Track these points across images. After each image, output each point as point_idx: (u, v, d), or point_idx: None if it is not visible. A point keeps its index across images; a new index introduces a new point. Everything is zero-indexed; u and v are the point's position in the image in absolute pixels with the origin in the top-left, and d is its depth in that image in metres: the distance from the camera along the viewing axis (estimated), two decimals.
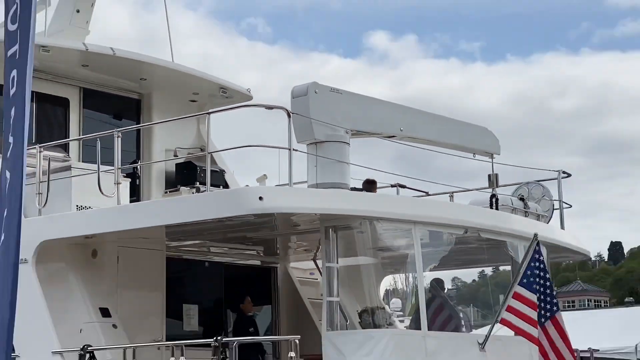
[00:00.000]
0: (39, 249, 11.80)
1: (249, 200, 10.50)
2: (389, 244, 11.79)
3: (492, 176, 13.14)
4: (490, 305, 13.33)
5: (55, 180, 12.36)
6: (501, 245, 12.63)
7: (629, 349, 31.42)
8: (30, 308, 11.14)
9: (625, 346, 31.41)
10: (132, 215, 11.70)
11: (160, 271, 13.16)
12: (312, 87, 11.24)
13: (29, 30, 9.10)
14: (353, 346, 10.59)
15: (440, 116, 13.10)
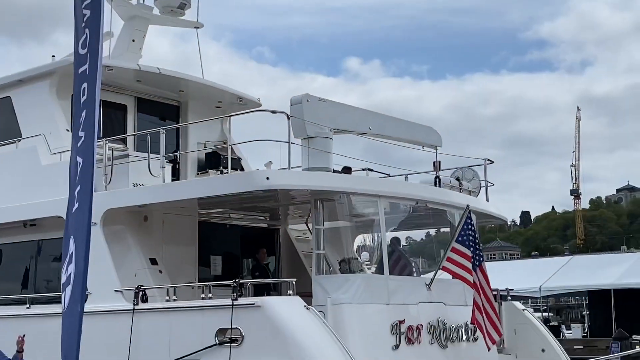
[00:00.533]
0: (105, 215, 11.76)
1: (259, 179, 10.49)
2: (360, 212, 11.81)
3: (436, 163, 13.14)
4: (434, 257, 13.36)
5: (116, 165, 12.30)
6: (442, 213, 12.66)
7: (534, 289, 31.69)
8: (99, 258, 11.13)
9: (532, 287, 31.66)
10: (173, 190, 11.67)
11: (194, 231, 13.12)
12: (305, 97, 11.23)
13: (97, 54, 9.06)
14: (335, 286, 10.61)
15: (398, 119, 13.08)
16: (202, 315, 10.36)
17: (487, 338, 11.03)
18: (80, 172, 9.09)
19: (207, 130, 15.63)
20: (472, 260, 11.16)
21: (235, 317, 9.81)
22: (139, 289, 11.00)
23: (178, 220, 12.72)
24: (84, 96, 9.18)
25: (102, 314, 11.17)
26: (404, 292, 11.27)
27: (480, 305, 11.04)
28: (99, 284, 11.11)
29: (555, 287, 32.47)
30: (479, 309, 11.03)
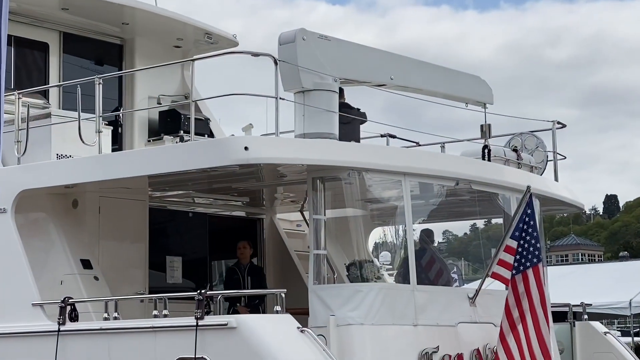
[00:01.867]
0: (18, 198, 11.78)
1: (234, 150, 10.51)
2: (377, 196, 11.84)
3: (484, 126, 13.14)
4: (482, 259, 13.41)
5: (34, 128, 12.29)
6: (493, 198, 12.69)
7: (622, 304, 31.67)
8: (9, 258, 11.19)
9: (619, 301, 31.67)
10: (114, 164, 11.70)
11: (143, 222, 13.17)
12: (300, 33, 11.20)
13: None
14: (340, 300, 10.65)
15: (432, 64, 13.07)
16: (154, 340, 10.42)
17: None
18: None
19: (161, 80, 15.65)
20: (519, 256, 11.15)
21: (200, 343, 9.86)
22: (66, 303, 11.04)
23: (121, 206, 12.78)
24: None
25: (14, 337, 11.24)
26: (438, 309, 11.34)
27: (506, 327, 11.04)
28: (9, 295, 11.17)
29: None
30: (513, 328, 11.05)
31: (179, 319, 10.44)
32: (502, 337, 11.06)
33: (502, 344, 11.04)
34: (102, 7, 14.94)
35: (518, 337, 11.04)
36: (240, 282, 13.04)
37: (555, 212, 15.56)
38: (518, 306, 11.09)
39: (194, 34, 15.94)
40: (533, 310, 11.10)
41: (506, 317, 11.09)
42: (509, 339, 11.02)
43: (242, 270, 13.41)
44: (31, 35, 14.87)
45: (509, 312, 11.09)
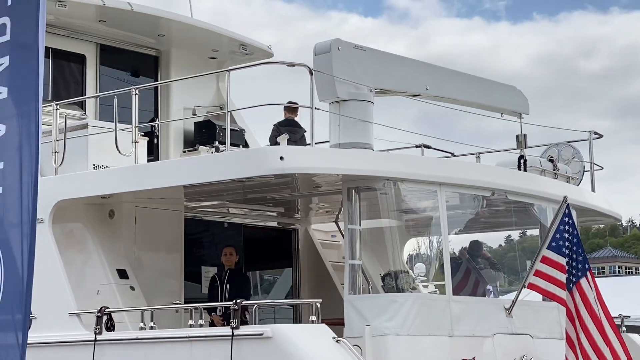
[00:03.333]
0: (55, 208, 11.89)
1: (270, 160, 10.54)
2: (413, 206, 11.82)
3: (520, 136, 13.09)
4: (518, 270, 13.36)
5: (71, 139, 12.39)
6: (529, 208, 12.64)
7: None
8: (46, 268, 11.26)
9: None
10: (150, 174, 11.77)
11: (179, 232, 13.23)
12: (335, 43, 11.23)
13: None
14: (375, 310, 10.65)
15: (468, 74, 13.05)
16: (190, 350, 10.47)
17: None
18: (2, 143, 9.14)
19: (196, 91, 15.73)
20: (568, 273, 11.12)
21: (236, 353, 9.90)
22: (103, 312, 11.11)
23: (157, 216, 12.85)
24: (3, 36, 9.22)
25: (52, 346, 11.31)
26: (475, 320, 11.30)
27: (574, 340, 10.97)
28: (46, 304, 11.24)
29: None
30: (572, 345, 10.97)
31: (215, 329, 10.48)
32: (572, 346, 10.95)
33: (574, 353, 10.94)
34: (138, 19, 15.05)
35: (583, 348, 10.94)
36: (218, 289, 12.69)
37: (591, 224, 15.46)
38: (578, 317, 11.00)
39: (229, 45, 16.00)
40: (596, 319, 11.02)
41: (573, 328, 10.99)
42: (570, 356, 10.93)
43: (222, 277, 12.91)
44: (69, 47, 15.00)
45: (573, 323, 10.98)
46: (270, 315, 14.75)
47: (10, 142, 9.09)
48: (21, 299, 8.87)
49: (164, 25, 15.40)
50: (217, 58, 16.20)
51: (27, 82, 9.06)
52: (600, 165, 13.92)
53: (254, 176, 10.83)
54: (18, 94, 9.13)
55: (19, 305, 8.86)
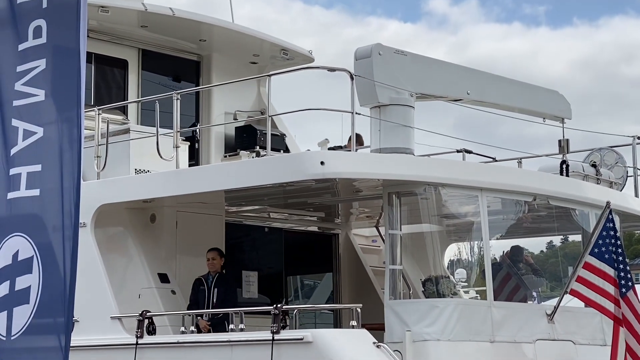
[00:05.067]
0: (97, 213, 11.96)
1: (310, 165, 10.54)
2: (454, 211, 11.78)
3: (562, 141, 13.00)
4: (560, 277, 13.26)
5: (113, 144, 12.47)
6: (571, 214, 12.54)
7: None
8: (88, 272, 11.32)
9: None
10: (191, 179, 11.80)
11: (219, 237, 13.24)
12: (376, 48, 11.20)
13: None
14: (416, 315, 10.61)
15: (509, 79, 12.97)
16: (231, 354, 10.49)
17: None
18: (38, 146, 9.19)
19: (237, 96, 15.76)
20: (618, 282, 11.00)
21: (276, 357, 9.90)
22: (144, 316, 11.18)
23: (198, 220, 12.88)
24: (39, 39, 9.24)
25: (94, 350, 11.38)
26: (516, 325, 11.22)
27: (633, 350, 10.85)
28: (89, 307, 11.31)
29: None
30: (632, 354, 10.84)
31: (255, 333, 10.48)
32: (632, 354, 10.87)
33: None
34: (180, 24, 15.10)
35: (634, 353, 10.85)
36: (205, 293, 12.32)
37: (635, 229, 15.31)
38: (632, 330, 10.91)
39: (270, 50, 16.01)
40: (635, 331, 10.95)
41: (631, 335, 10.89)
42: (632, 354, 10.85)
43: (209, 281, 12.46)
44: (111, 52, 15.08)
45: (632, 330, 10.89)
46: (311, 320, 14.74)
47: (49, 145, 9.12)
48: (63, 303, 8.91)
49: (205, 30, 15.44)
50: (258, 63, 16.21)
51: (68, 87, 9.09)
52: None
53: (294, 181, 10.83)
54: (59, 98, 9.16)
55: (61, 308, 8.90)
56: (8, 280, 9.13)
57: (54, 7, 9.11)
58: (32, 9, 9.26)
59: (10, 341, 9.12)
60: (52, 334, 8.93)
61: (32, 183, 9.18)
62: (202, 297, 12.15)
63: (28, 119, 9.31)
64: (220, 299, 12.20)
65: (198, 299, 12.10)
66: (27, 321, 9.07)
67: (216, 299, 12.19)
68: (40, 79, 9.20)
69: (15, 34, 9.33)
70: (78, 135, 9.15)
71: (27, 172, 9.18)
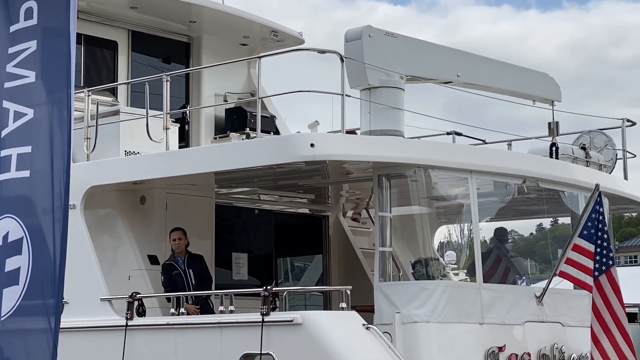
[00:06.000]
0: (87, 194, 11.95)
1: (300, 147, 10.54)
2: (443, 193, 11.80)
3: (552, 124, 13.02)
4: (549, 259, 13.31)
5: (103, 125, 12.47)
6: (560, 196, 12.58)
7: None
8: (78, 254, 11.32)
9: None
10: (181, 161, 11.80)
11: (209, 218, 13.27)
12: (367, 30, 11.20)
13: None
14: (406, 297, 10.64)
15: (500, 61, 12.99)
16: (220, 336, 10.51)
17: None
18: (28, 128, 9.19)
19: (228, 78, 15.74)
20: (598, 261, 11.06)
21: (266, 339, 9.92)
22: (134, 298, 11.17)
23: (188, 202, 12.89)
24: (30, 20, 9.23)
25: (83, 331, 11.38)
26: (505, 307, 11.27)
27: (597, 330, 10.91)
28: (78, 288, 11.32)
29: None
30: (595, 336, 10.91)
31: (245, 315, 10.50)
32: (596, 340, 10.92)
33: (597, 346, 10.90)
34: (170, 6, 15.06)
35: (613, 339, 10.92)
36: (182, 276, 12.14)
37: (624, 212, 15.36)
38: (608, 307, 10.97)
39: (260, 32, 15.99)
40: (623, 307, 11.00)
41: (596, 319, 10.96)
42: (604, 342, 10.91)
43: (180, 264, 12.22)
44: (100, 33, 15.05)
45: (598, 314, 10.96)
46: (300, 302, 14.78)
47: (40, 127, 9.13)
48: (53, 284, 8.93)
49: (195, 11, 15.41)
50: (248, 45, 16.19)
51: (58, 69, 9.09)
52: (632, 153, 13.83)
53: (284, 163, 10.84)
54: (49, 80, 9.15)
55: (50, 290, 8.92)
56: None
57: None
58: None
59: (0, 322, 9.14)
60: (41, 316, 8.96)
61: (22, 164, 9.20)
62: (180, 280, 12.00)
63: (19, 100, 9.32)
64: (198, 280, 12.14)
65: (175, 284, 11.91)
66: (16, 302, 9.10)
67: (194, 280, 12.11)
68: (30, 60, 9.20)
69: (7, 16, 9.33)
70: (68, 117, 9.16)
71: (18, 154, 9.19)
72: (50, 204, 8.97)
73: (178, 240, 12.19)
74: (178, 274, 12.07)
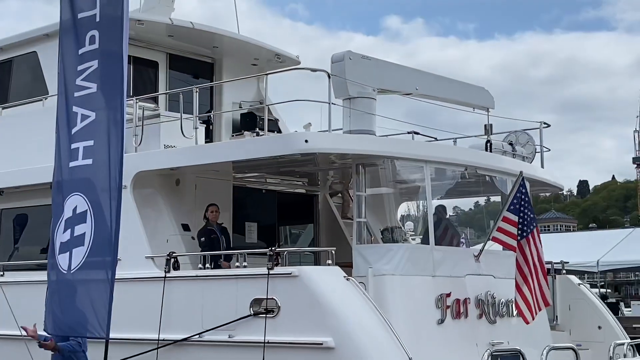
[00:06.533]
0: (135, 178, 11.90)
1: (297, 142, 10.53)
2: (405, 178, 11.78)
3: (487, 126, 13.03)
4: (484, 228, 13.30)
5: (147, 125, 12.42)
6: (493, 180, 12.58)
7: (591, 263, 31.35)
8: (129, 224, 11.31)
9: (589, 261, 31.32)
10: (207, 153, 11.77)
11: (228, 196, 13.22)
12: (348, 54, 11.20)
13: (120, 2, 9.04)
14: (376, 256, 10.64)
15: (448, 78, 12.96)
16: (236, 285, 10.49)
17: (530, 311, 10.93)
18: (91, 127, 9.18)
19: (242, 90, 15.66)
20: (520, 228, 11.07)
21: (271, 287, 9.92)
22: (171, 256, 11.14)
23: (212, 184, 12.83)
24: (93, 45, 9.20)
25: (132, 282, 11.35)
26: (451, 264, 11.27)
27: (520, 282, 10.92)
28: (129, 250, 11.29)
29: (614, 261, 32.08)
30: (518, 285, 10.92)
31: (255, 269, 10.49)
32: (518, 287, 10.94)
33: (519, 293, 10.92)
34: (198, 35, 14.97)
35: (530, 286, 10.95)
36: (218, 240, 12.17)
37: (540, 192, 15.36)
38: (527, 263, 10.99)
39: (267, 55, 15.91)
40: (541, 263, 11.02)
41: (518, 272, 10.97)
42: (524, 289, 10.93)
43: (217, 231, 12.20)
44: (145, 55, 14.94)
45: (520, 268, 10.97)
46: (297, 260, 14.76)
47: (99, 126, 9.14)
48: (110, 246, 8.95)
49: (217, 39, 15.31)
50: (257, 65, 16.10)
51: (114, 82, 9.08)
52: (548, 148, 13.84)
53: (285, 154, 10.82)
54: (106, 90, 9.14)
55: (108, 250, 8.94)
56: (70, 229, 9.15)
57: (105, 20, 9.08)
58: (88, 22, 9.23)
59: (70, 274, 9.15)
60: (101, 269, 8.97)
61: (87, 154, 9.19)
62: (217, 242, 12.07)
63: (84, 105, 9.31)
64: (227, 244, 12.22)
65: (213, 245, 11.96)
66: (82, 259, 9.11)
67: (226, 244, 12.20)
68: (93, 75, 9.18)
69: (76, 41, 9.31)
70: (121, 119, 9.16)
71: (83, 147, 9.19)
72: (107, 185, 8.97)
73: (216, 212, 12.24)
74: (215, 238, 12.12)
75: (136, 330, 11.01)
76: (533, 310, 10.88)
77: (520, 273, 10.98)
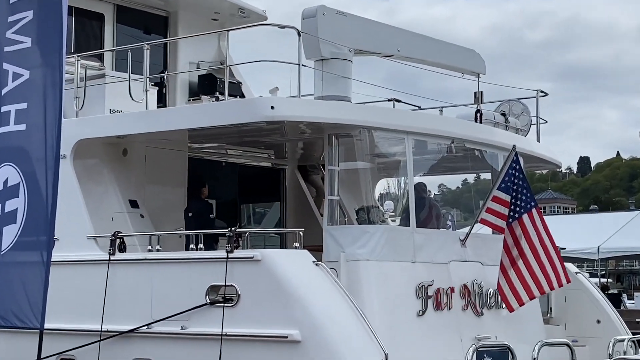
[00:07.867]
0: (76, 146, 11.82)
1: (262, 108, 10.49)
2: (384, 151, 11.81)
3: (477, 93, 13.07)
4: (472, 208, 13.38)
5: (91, 87, 12.33)
6: (482, 155, 12.63)
7: (591, 250, 31.70)
8: (68, 198, 11.23)
9: (589, 247, 31.69)
10: (159, 119, 11.71)
11: (183, 169, 13.19)
12: (321, 9, 11.17)
13: None
14: (350, 239, 10.67)
15: (434, 38, 12.97)
16: (190, 270, 10.48)
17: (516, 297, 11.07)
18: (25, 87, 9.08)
19: (200, 48, 15.57)
20: (511, 210, 11.13)
21: (230, 273, 9.91)
22: (116, 236, 11.09)
23: (164, 155, 12.79)
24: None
25: (72, 265, 11.30)
26: (434, 249, 11.33)
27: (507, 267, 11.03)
28: (68, 228, 11.22)
29: (616, 247, 32.51)
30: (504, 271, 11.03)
31: (212, 252, 10.48)
32: (504, 271, 11.03)
33: (504, 276, 11.02)
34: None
35: (519, 271, 11.03)
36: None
37: (536, 169, 15.48)
38: (517, 246, 11.06)
39: (229, 9, 15.83)
40: (533, 248, 11.09)
41: (506, 255, 11.06)
42: (511, 273, 11.02)
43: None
44: (89, 6, 14.80)
45: (508, 251, 11.06)
46: (260, 242, 14.77)
47: (34, 86, 9.03)
48: (46, 223, 8.88)
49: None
50: (218, 20, 16.01)
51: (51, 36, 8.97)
52: (545, 119, 13.92)
53: (248, 122, 10.78)
54: (43, 45, 9.03)
55: (43, 228, 8.88)
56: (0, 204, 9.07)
57: None
58: None
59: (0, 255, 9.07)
60: (35, 250, 8.91)
61: (20, 119, 9.09)
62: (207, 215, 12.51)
63: (16, 62, 9.19)
64: None
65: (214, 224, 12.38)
66: (14, 239, 9.05)
67: None
68: (27, 28, 9.06)
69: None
70: (60, 79, 9.06)
71: (15, 110, 9.09)
72: (43, 154, 8.90)
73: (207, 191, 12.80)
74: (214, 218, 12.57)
75: (75, 320, 10.97)
76: (521, 297, 10.99)
77: (508, 255, 11.06)
